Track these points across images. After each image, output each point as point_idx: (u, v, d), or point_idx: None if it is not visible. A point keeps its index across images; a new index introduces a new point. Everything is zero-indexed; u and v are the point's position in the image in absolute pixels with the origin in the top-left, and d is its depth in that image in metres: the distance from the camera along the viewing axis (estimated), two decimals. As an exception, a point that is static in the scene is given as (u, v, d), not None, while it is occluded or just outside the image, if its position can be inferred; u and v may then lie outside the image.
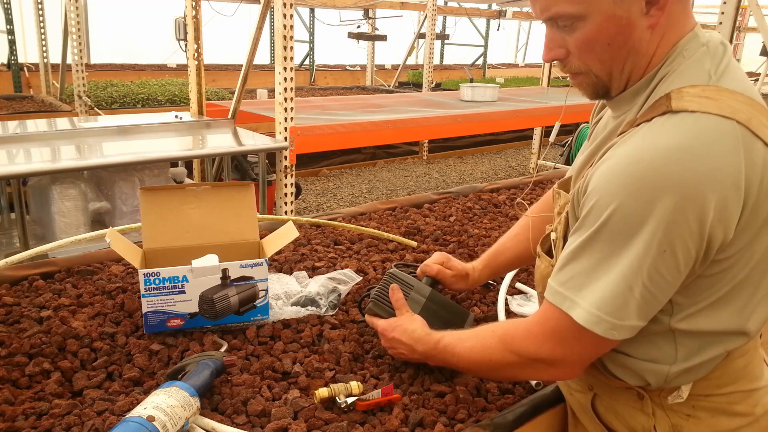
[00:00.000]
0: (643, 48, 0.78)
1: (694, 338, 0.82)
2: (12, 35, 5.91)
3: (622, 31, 0.76)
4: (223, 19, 5.95)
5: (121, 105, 5.27)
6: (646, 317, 0.78)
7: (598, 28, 0.76)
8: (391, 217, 1.98)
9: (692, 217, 0.70)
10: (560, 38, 0.80)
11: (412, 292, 1.16)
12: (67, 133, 3.12)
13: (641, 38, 0.77)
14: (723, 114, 0.71)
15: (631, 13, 0.75)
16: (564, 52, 0.81)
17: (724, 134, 0.71)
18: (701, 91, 0.74)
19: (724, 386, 0.84)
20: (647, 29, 0.77)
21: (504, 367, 0.90)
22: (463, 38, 10.23)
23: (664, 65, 0.79)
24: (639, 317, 0.77)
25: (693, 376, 0.84)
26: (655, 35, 0.78)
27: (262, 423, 0.95)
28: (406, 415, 0.98)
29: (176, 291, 1.17)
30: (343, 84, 8.62)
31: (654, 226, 0.71)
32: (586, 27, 0.77)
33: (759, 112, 0.74)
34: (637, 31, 0.77)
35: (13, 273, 1.41)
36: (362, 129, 3.89)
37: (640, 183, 0.71)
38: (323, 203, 5.08)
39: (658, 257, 0.72)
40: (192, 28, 3.49)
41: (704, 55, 0.78)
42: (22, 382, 1.04)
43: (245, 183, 1.41)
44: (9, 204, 3.07)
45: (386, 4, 7.27)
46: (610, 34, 0.77)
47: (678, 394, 0.85)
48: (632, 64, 0.80)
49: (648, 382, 0.86)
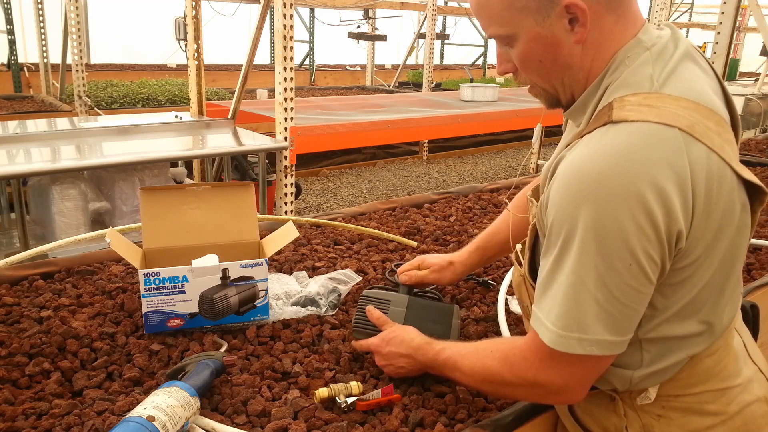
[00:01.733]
0: (575, 62, 0.80)
1: (659, 344, 0.83)
2: (12, 35, 5.91)
3: (549, 49, 0.79)
4: (223, 19, 5.95)
5: (121, 105, 5.27)
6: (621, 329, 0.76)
7: (527, 46, 0.80)
8: (391, 217, 1.98)
9: (643, 220, 0.70)
10: (506, 54, 0.84)
11: (390, 306, 1.15)
12: (67, 133, 3.12)
13: (571, 53, 0.79)
14: (664, 122, 0.71)
15: (555, 32, 0.78)
16: (512, 66, 0.85)
17: (664, 141, 0.71)
18: (643, 99, 0.74)
19: (694, 386, 0.84)
20: (575, 45, 0.79)
21: (509, 388, 0.89)
22: (463, 38, 10.23)
23: (607, 74, 0.80)
24: (608, 330, 0.75)
25: (659, 379, 0.84)
26: (588, 49, 0.79)
27: (262, 423, 0.95)
28: (406, 415, 0.98)
29: (176, 291, 1.17)
30: (343, 84, 8.62)
31: (599, 235, 0.71)
32: (519, 46, 0.80)
33: (704, 116, 0.74)
34: (566, 48, 0.79)
35: (13, 273, 1.41)
36: (362, 129, 3.90)
37: (583, 195, 0.72)
38: (323, 203, 5.08)
39: (611, 268, 0.72)
40: (192, 28, 3.49)
41: (647, 60, 0.78)
42: (22, 382, 1.04)
43: (245, 183, 1.41)
44: (9, 204, 3.07)
45: (386, 4, 7.27)
46: (539, 51, 0.80)
47: (645, 395, 0.86)
48: (569, 78, 0.82)
49: (614, 386, 0.87)
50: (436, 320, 1.15)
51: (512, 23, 0.78)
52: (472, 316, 1.31)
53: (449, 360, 0.96)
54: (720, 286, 0.80)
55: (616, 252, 0.71)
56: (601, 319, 0.74)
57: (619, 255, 0.71)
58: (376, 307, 1.15)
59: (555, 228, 0.76)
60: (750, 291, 1.41)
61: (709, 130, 0.73)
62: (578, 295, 0.74)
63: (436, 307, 1.20)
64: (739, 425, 0.85)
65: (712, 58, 3.24)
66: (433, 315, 1.17)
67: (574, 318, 0.75)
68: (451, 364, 0.95)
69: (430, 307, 1.18)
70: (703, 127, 0.73)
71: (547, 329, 0.77)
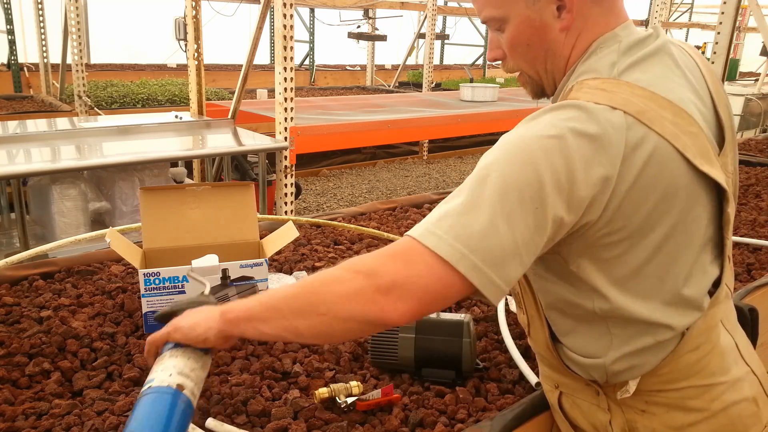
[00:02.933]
0: (558, 49, 0.84)
1: (624, 326, 0.83)
2: (12, 35, 5.91)
3: (537, 33, 0.83)
4: (223, 19, 5.95)
5: (121, 105, 5.27)
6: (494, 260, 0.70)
7: (517, 30, 0.83)
8: (391, 217, 1.98)
9: (558, 161, 0.70)
10: (497, 40, 0.87)
11: (399, 333, 1.10)
12: (67, 133, 3.11)
13: (556, 39, 0.83)
14: (611, 105, 0.73)
15: (544, 16, 0.81)
16: (501, 53, 0.88)
17: (606, 120, 0.72)
18: (600, 83, 0.77)
19: (676, 381, 0.85)
20: (560, 31, 0.82)
21: (318, 290, 0.75)
22: (463, 38, 10.23)
23: (580, 62, 0.83)
24: (485, 258, 0.70)
25: (636, 372, 0.85)
26: (570, 37, 0.83)
27: (262, 423, 0.95)
28: (406, 415, 0.98)
29: (176, 291, 1.17)
30: (343, 84, 8.62)
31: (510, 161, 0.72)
32: (509, 29, 0.84)
33: (659, 106, 0.76)
34: (551, 33, 0.83)
35: (13, 273, 1.41)
36: (362, 129, 3.90)
37: (505, 142, 0.74)
38: (323, 203, 5.08)
39: (518, 203, 0.70)
40: (192, 28, 3.49)
41: (614, 50, 0.81)
42: (22, 382, 1.04)
43: (245, 183, 1.41)
44: (9, 204, 3.06)
45: (386, 4, 7.27)
46: (527, 35, 0.83)
47: (625, 389, 0.86)
48: (552, 64, 0.85)
49: (594, 377, 0.88)
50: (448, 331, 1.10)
51: (505, 6, 0.82)
52: (472, 316, 1.31)
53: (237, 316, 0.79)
54: (669, 272, 0.80)
55: (525, 180, 0.71)
56: (486, 243, 0.70)
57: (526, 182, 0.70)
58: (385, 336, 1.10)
59: (476, 169, 0.75)
60: (750, 291, 1.41)
61: (662, 119, 0.75)
62: (475, 212, 0.71)
63: (446, 322, 1.12)
64: (724, 423, 0.85)
65: (712, 58, 3.24)
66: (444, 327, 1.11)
67: (465, 231, 0.70)
68: (243, 316, 0.78)
69: (440, 324, 1.12)
70: (655, 115, 0.75)
71: (444, 242, 0.70)
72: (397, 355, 1.10)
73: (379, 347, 1.11)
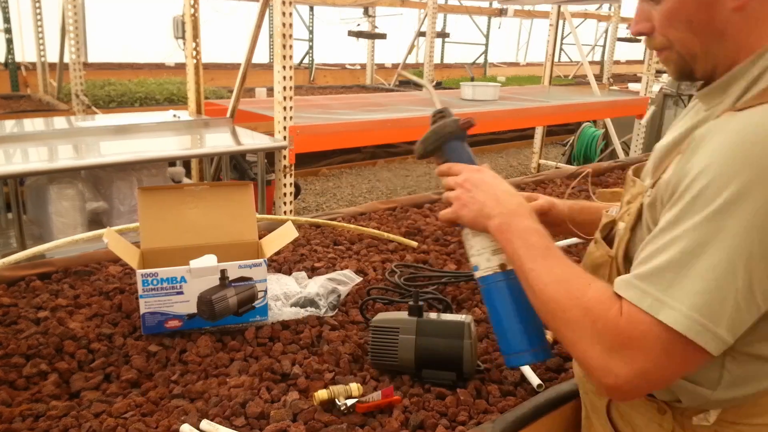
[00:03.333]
0: (729, 32, 0.73)
1: (743, 365, 0.74)
2: (9, 34, 5.90)
3: (703, 9, 0.72)
4: (222, 18, 5.94)
5: (118, 104, 5.26)
6: (736, 330, 0.66)
7: (678, 2, 0.73)
8: (392, 217, 1.98)
9: None
10: (647, 11, 0.78)
11: (400, 334, 1.09)
12: (65, 133, 3.10)
13: (727, 20, 0.72)
14: None
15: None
16: (650, 27, 0.78)
17: None
18: None
19: (755, 416, 0.78)
20: (733, 11, 0.71)
21: (574, 340, 0.74)
22: (464, 36, 10.24)
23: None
24: (728, 328, 0.65)
25: (730, 404, 0.78)
26: (748, 20, 0.72)
27: (261, 425, 0.94)
28: (407, 418, 0.97)
29: (174, 292, 1.16)
30: (343, 83, 8.61)
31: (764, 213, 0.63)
32: (668, 1, 0.74)
33: None
34: (721, 13, 0.72)
35: (10, 273, 1.40)
36: (362, 128, 3.88)
37: (756, 164, 0.63)
38: (323, 203, 5.07)
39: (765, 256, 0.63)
40: (190, 26, 3.47)
41: None
42: (19, 384, 1.03)
43: (244, 183, 1.40)
44: (6, 204, 3.05)
45: (386, 2, 7.27)
46: (690, 10, 0.73)
47: (705, 416, 0.79)
48: (717, 48, 0.74)
49: (679, 399, 0.80)
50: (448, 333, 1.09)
51: None
52: (473, 317, 1.30)
53: (535, 244, 0.82)
54: None
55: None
56: (729, 313, 0.65)
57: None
58: (385, 337, 1.10)
59: (710, 190, 0.65)
60: None
61: None
62: (727, 278, 0.64)
63: (447, 324, 1.11)
64: None
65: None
66: (445, 329, 1.10)
67: (712, 303, 0.65)
68: (534, 248, 0.81)
69: (442, 326, 1.11)
70: None
71: (678, 311, 0.65)
72: (397, 356, 1.09)
73: (379, 348, 1.10)
